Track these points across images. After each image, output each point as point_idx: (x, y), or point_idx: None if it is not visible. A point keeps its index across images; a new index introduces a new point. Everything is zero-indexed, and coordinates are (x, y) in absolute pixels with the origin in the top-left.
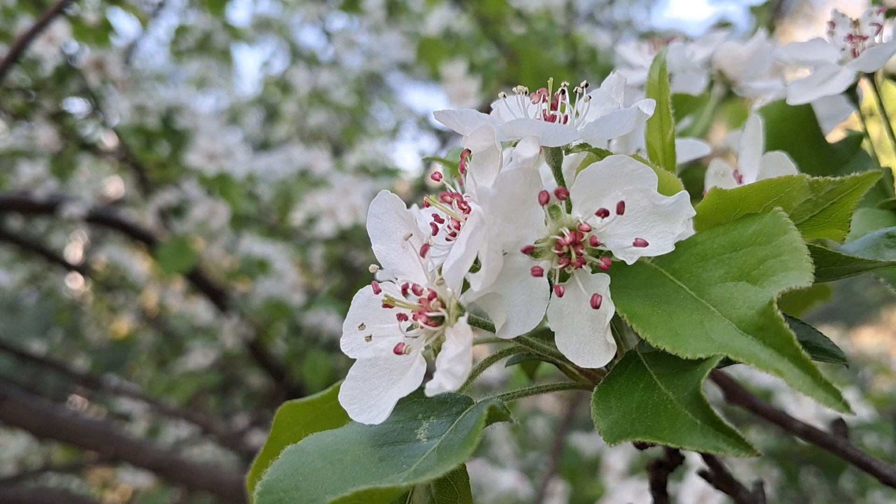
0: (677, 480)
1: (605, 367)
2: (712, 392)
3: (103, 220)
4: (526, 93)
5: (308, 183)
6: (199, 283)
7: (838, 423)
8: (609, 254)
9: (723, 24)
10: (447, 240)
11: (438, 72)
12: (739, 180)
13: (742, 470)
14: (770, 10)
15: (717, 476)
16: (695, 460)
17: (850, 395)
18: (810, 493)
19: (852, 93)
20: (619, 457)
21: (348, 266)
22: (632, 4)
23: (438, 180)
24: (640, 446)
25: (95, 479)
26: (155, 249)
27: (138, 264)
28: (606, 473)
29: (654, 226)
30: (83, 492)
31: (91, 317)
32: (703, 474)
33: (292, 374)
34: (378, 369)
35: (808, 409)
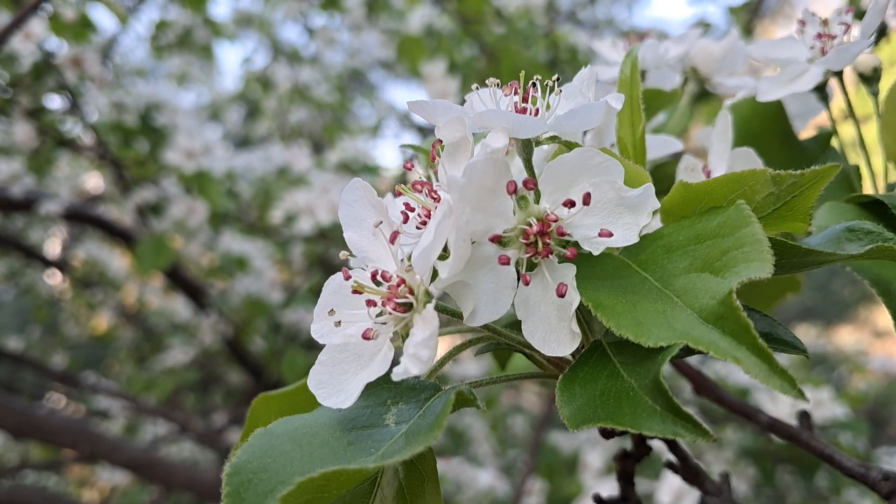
0: (653, 479)
1: (572, 355)
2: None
3: (81, 217)
4: (498, 85)
5: (287, 181)
6: (178, 280)
7: (803, 416)
8: (576, 244)
9: (702, 26)
10: (418, 228)
11: (419, 70)
12: (708, 175)
13: (718, 467)
14: (748, 11)
15: (682, 466)
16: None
17: (824, 393)
18: (786, 490)
19: (822, 91)
20: (596, 455)
21: (328, 264)
22: (613, 4)
23: (410, 169)
24: (606, 434)
25: (73, 476)
26: (133, 246)
27: (117, 261)
28: (584, 471)
29: (620, 217)
30: (61, 489)
31: (69, 313)
32: (669, 465)
33: (270, 371)
34: (347, 354)
35: (782, 407)
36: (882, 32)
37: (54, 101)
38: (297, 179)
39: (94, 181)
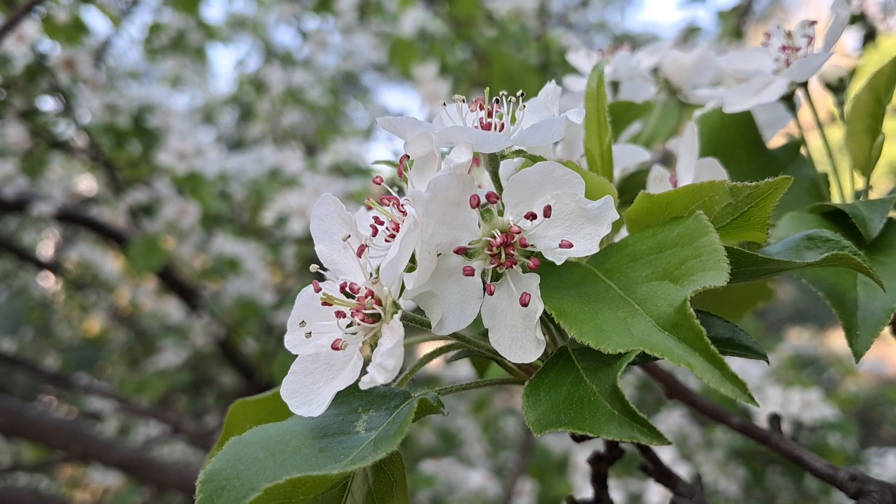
0: (643, 479)
1: (540, 360)
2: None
3: (74, 219)
4: (464, 101)
5: (279, 182)
6: (170, 282)
7: (773, 419)
8: (539, 254)
9: (692, 30)
10: (386, 241)
11: (411, 73)
12: (675, 185)
13: (709, 469)
14: (737, 15)
15: (655, 469)
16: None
17: (813, 395)
18: (776, 491)
19: (789, 101)
20: (586, 456)
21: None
22: (606, 7)
23: (379, 184)
24: (577, 438)
25: (65, 478)
26: (126, 248)
27: (110, 263)
28: (574, 472)
29: (581, 228)
30: (52, 491)
31: (62, 315)
32: (643, 468)
33: (262, 373)
34: (318, 364)
35: (771, 407)
36: (871, 37)
37: (47, 103)
38: (289, 181)
39: (87, 183)
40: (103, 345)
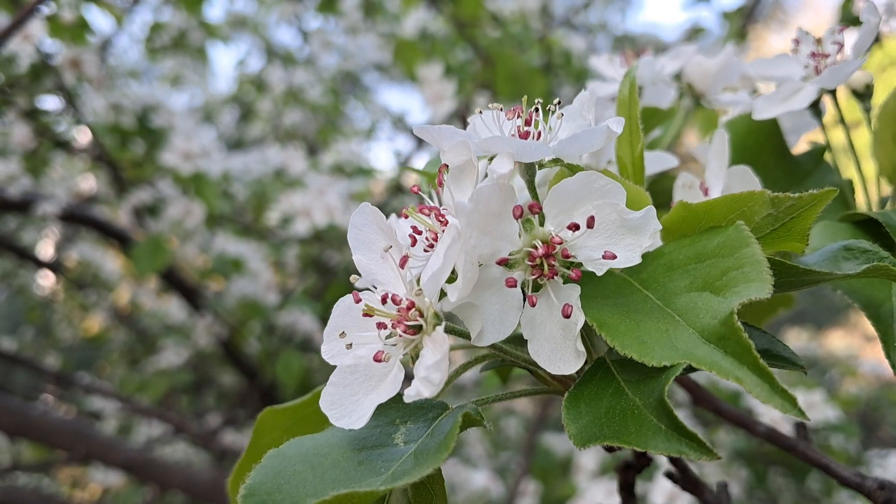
0: (647, 480)
1: (577, 373)
2: (679, 395)
3: (77, 218)
4: (501, 109)
5: (283, 183)
6: (173, 281)
7: (800, 427)
8: (580, 265)
9: (696, 31)
10: (425, 251)
11: (414, 73)
12: (705, 192)
13: (711, 470)
14: (742, 17)
15: (682, 477)
16: (663, 461)
17: (816, 396)
18: (778, 493)
19: (816, 107)
20: (590, 457)
21: (323, 266)
22: (606, 8)
23: (417, 193)
24: (610, 449)
25: (65, 478)
26: (128, 248)
27: (111, 262)
28: (578, 473)
29: (623, 239)
30: (53, 491)
31: (62, 314)
32: (669, 475)
33: (265, 373)
34: (358, 376)
35: (774, 410)
36: (875, 39)
37: (51, 102)
38: (293, 181)
39: (89, 182)
40: (103, 345)
